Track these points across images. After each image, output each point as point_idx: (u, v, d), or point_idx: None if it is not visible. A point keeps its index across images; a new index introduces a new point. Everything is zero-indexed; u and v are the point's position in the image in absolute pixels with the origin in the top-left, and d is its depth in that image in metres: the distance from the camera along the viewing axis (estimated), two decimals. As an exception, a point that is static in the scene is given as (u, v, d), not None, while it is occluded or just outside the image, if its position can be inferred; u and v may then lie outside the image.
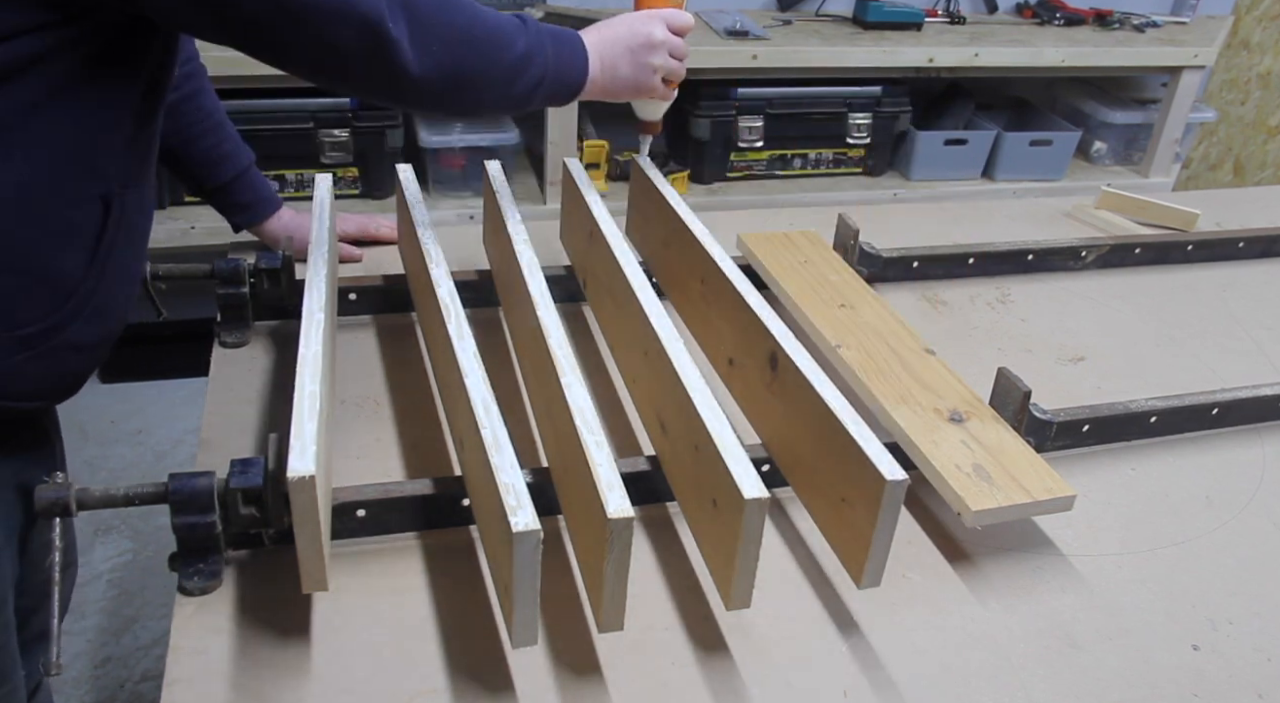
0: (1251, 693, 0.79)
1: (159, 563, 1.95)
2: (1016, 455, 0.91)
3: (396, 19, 0.80)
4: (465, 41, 0.86)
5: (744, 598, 0.75)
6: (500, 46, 0.89)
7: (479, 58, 0.88)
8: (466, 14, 0.87)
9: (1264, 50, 3.00)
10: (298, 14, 0.77)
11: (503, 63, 0.89)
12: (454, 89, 0.87)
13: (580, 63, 0.98)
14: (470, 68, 0.87)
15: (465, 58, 0.86)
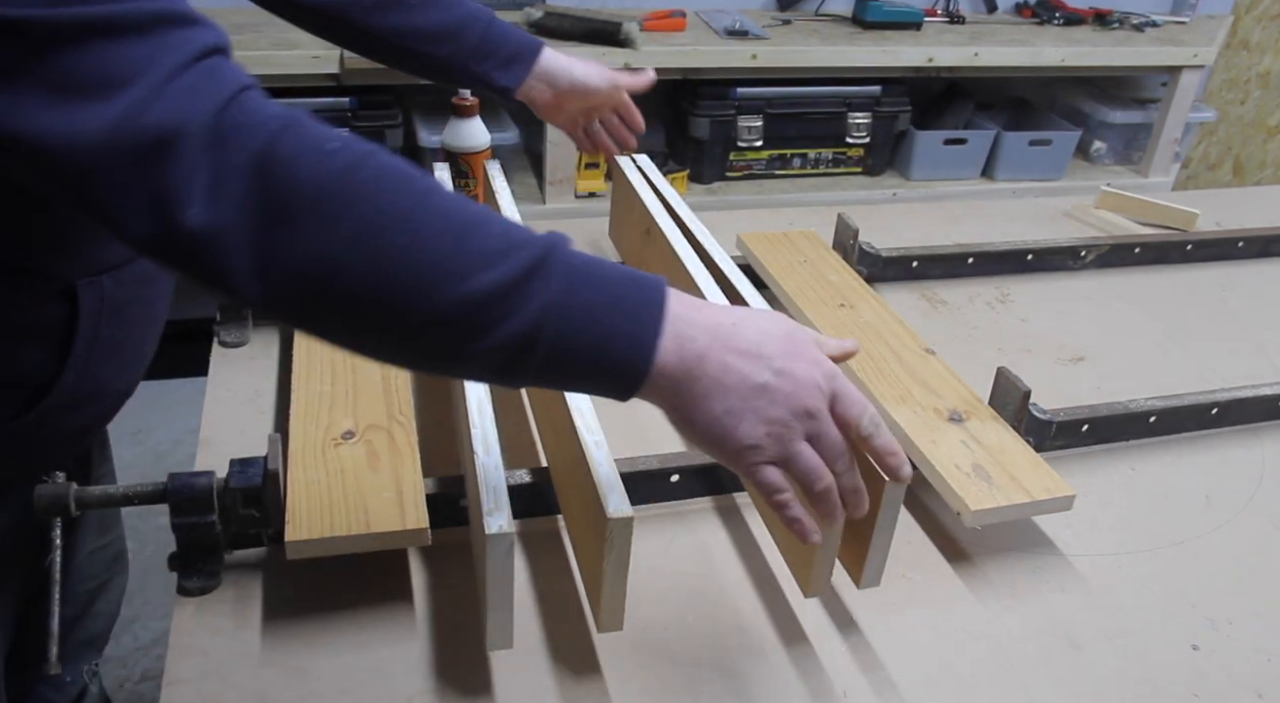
0: (1251, 693, 0.79)
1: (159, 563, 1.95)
2: (1016, 455, 0.91)
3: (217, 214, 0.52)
4: (359, 247, 0.53)
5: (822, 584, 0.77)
6: (449, 267, 0.54)
7: (384, 277, 0.54)
8: (382, 200, 0.54)
9: (1264, 50, 3.00)
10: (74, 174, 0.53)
11: (448, 293, 0.54)
12: (334, 324, 0.56)
13: (638, 337, 0.58)
14: (365, 292, 0.54)
15: (354, 276, 0.53)
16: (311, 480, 0.80)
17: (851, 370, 1.02)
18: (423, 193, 0.56)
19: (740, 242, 1.28)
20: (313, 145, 0.54)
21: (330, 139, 0.55)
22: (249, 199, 0.52)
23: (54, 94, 0.51)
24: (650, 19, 2.34)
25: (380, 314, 0.55)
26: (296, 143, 0.54)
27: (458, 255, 0.54)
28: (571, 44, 2.19)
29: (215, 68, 0.55)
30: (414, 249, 0.54)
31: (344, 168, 0.54)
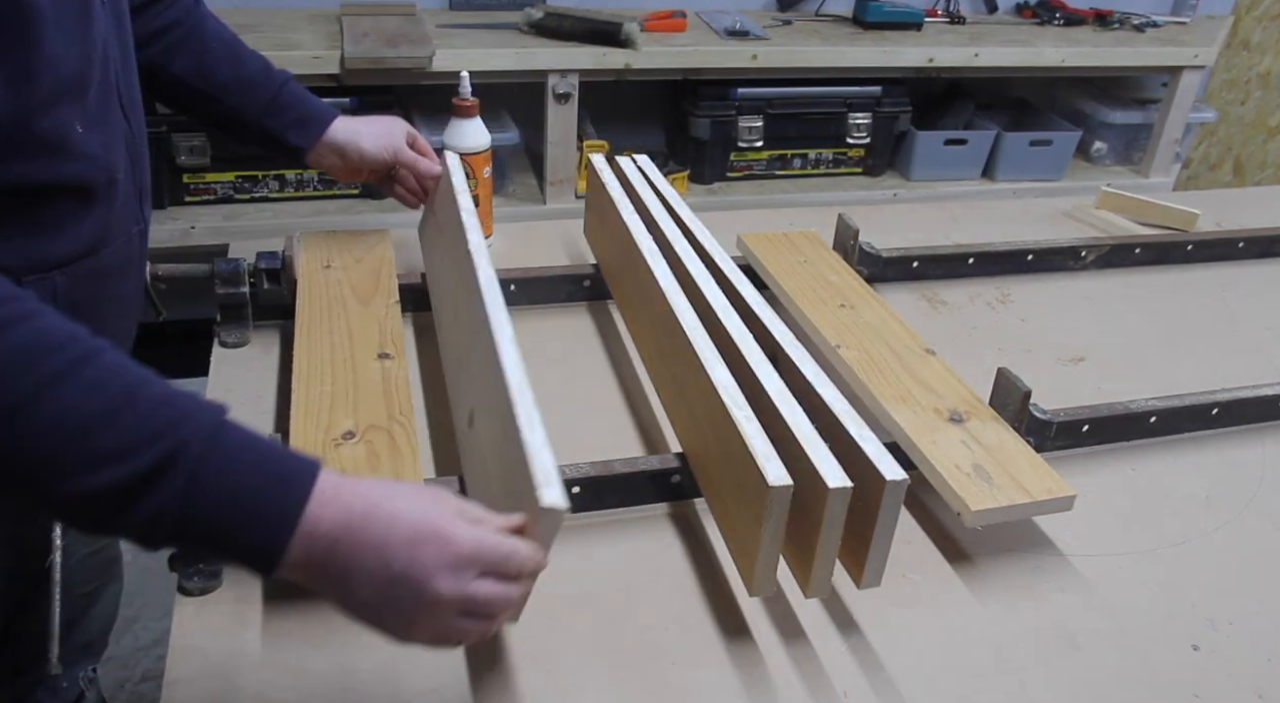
0: (1251, 693, 0.79)
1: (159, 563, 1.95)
2: (1016, 455, 0.91)
3: None
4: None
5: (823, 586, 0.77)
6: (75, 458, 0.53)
7: (9, 471, 0.54)
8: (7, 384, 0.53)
9: (1264, 50, 3.00)
10: None
11: (71, 481, 0.54)
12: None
13: (263, 535, 0.57)
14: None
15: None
16: None
17: (852, 370, 1.02)
18: (47, 380, 0.54)
19: (741, 242, 1.28)
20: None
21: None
22: None
23: None
24: (650, 19, 2.34)
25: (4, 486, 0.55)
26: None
27: (68, 455, 0.53)
28: (572, 44, 2.20)
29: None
30: (22, 445, 0.53)
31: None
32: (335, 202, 2.28)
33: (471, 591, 0.60)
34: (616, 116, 2.56)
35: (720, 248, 1.07)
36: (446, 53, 2.08)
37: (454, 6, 2.39)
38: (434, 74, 2.07)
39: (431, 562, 0.59)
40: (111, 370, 0.56)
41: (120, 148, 0.82)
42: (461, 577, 0.60)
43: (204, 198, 2.21)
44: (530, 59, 2.16)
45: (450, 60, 2.07)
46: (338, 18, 2.25)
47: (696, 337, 0.88)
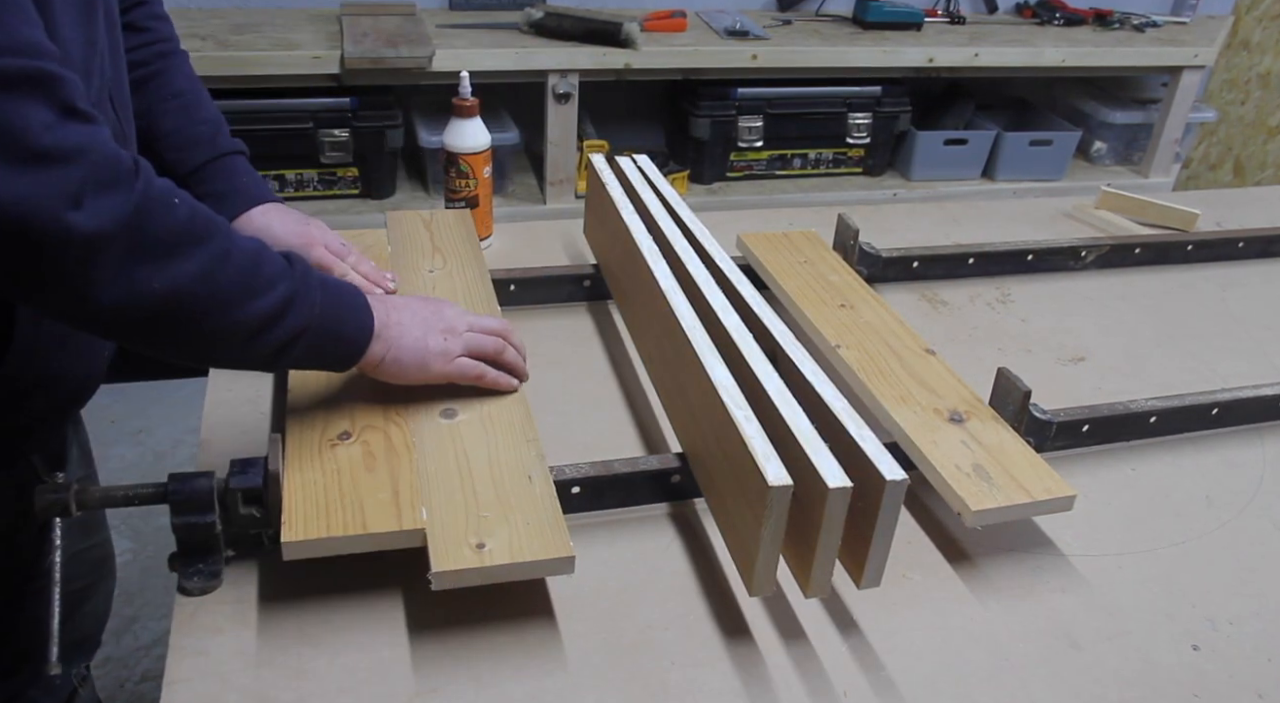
0: (1251, 693, 0.79)
1: (159, 563, 1.95)
2: (1016, 455, 0.91)
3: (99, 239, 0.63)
4: (203, 277, 0.70)
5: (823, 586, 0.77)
6: (250, 288, 0.73)
7: (216, 297, 0.71)
8: (206, 248, 0.70)
9: (1264, 50, 3.00)
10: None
11: (249, 308, 0.73)
12: (160, 333, 0.71)
13: (361, 318, 0.83)
14: (200, 311, 0.70)
15: (196, 299, 0.70)
16: (308, 481, 0.80)
17: (852, 370, 1.02)
18: (227, 232, 0.73)
19: (740, 242, 1.28)
20: (165, 198, 0.68)
21: (171, 190, 0.69)
22: (126, 233, 0.64)
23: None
24: (650, 19, 2.34)
25: (207, 328, 0.72)
26: (155, 194, 0.67)
27: (255, 279, 0.73)
28: (572, 44, 2.20)
29: (79, 124, 0.62)
30: (233, 274, 0.72)
31: (189, 217, 0.69)
32: (335, 202, 2.28)
33: (475, 334, 0.91)
34: (616, 116, 2.56)
35: (720, 248, 1.07)
36: (446, 53, 2.08)
37: (454, 6, 2.40)
38: (434, 74, 2.07)
39: (447, 309, 0.91)
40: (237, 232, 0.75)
41: None
42: (464, 319, 0.91)
43: (204, 198, 2.21)
44: (530, 59, 2.16)
45: (450, 60, 2.07)
46: (338, 18, 2.25)
47: (696, 337, 0.88)
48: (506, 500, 0.80)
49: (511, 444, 0.87)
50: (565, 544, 0.77)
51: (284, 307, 0.75)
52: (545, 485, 0.82)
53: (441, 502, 0.80)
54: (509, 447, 0.86)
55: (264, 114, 2.11)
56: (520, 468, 0.84)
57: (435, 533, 0.77)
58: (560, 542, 0.77)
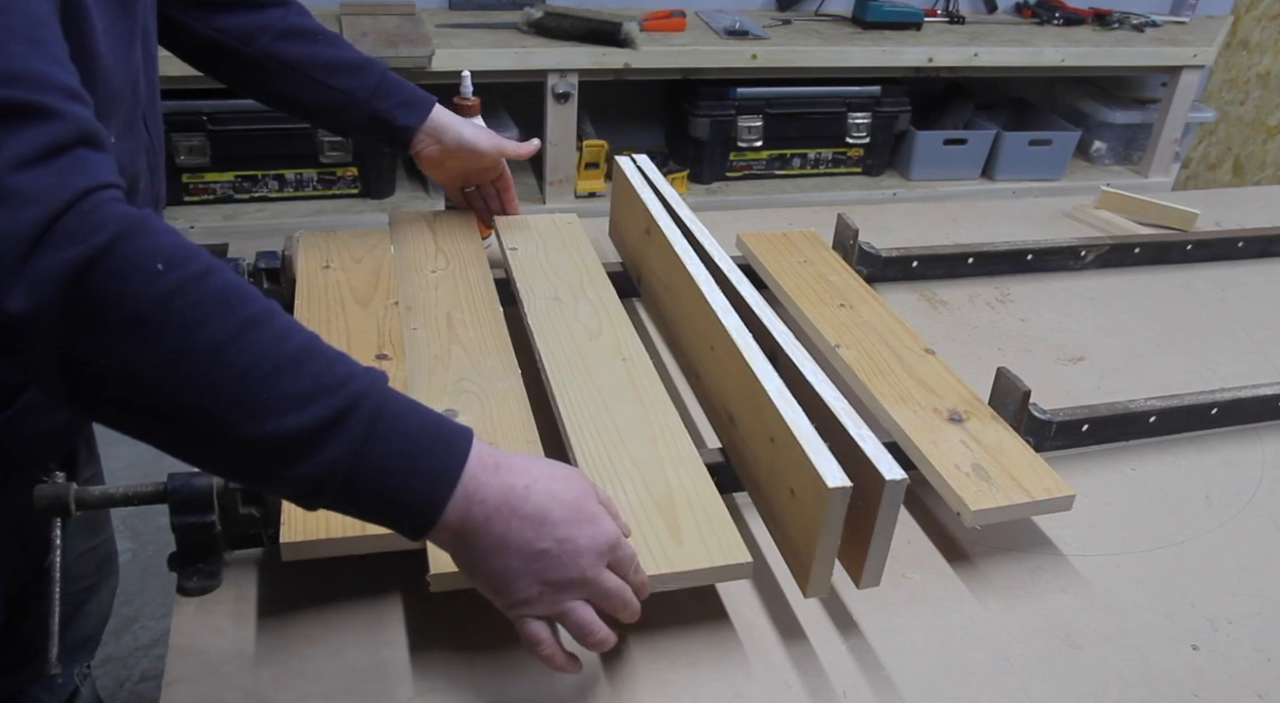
0: (1251, 693, 0.79)
1: (159, 563, 1.95)
2: (1016, 455, 0.91)
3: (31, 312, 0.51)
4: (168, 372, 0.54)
5: (823, 586, 0.77)
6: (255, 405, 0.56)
7: (189, 403, 0.55)
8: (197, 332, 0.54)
9: (1263, 50, 3.00)
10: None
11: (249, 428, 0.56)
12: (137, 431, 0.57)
13: (426, 496, 0.61)
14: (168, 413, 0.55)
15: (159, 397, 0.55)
16: None
17: (852, 370, 1.02)
18: (244, 325, 0.56)
19: (740, 242, 1.28)
20: (143, 263, 0.53)
21: (162, 256, 0.54)
22: (65, 302, 0.51)
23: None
24: (650, 19, 2.34)
25: (180, 434, 0.57)
26: (127, 257, 0.53)
27: (266, 394, 0.56)
28: (572, 44, 2.20)
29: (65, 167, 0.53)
30: (222, 382, 0.55)
31: (168, 292, 0.54)
32: (335, 201, 2.28)
33: (603, 576, 0.66)
34: (616, 116, 2.56)
35: (720, 248, 1.07)
36: (446, 52, 2.08)
37: (454, 6, 2.39)
38: (434, 74, 2.07)
39: (585, 543, 0.65)
40: (292, 324, 0.59)
41: (142, 158, 0.84)
42: (601, 560, 0.66)
43: (203, 197, 2.21)
44: (530, 59, 2.16)
45: (450, 60, 2.07)
46: (337, 17, 2.25)
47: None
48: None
49: (512, 446, 0.87)
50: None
51: (303, 440, 0.57)
52: None
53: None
54: (509, 448, 0.86)
55: (264, 113, 2.11)
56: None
57: (435, 533, 0.77)
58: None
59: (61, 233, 0.51)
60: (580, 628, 0.67)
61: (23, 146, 0.52)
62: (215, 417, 0.55)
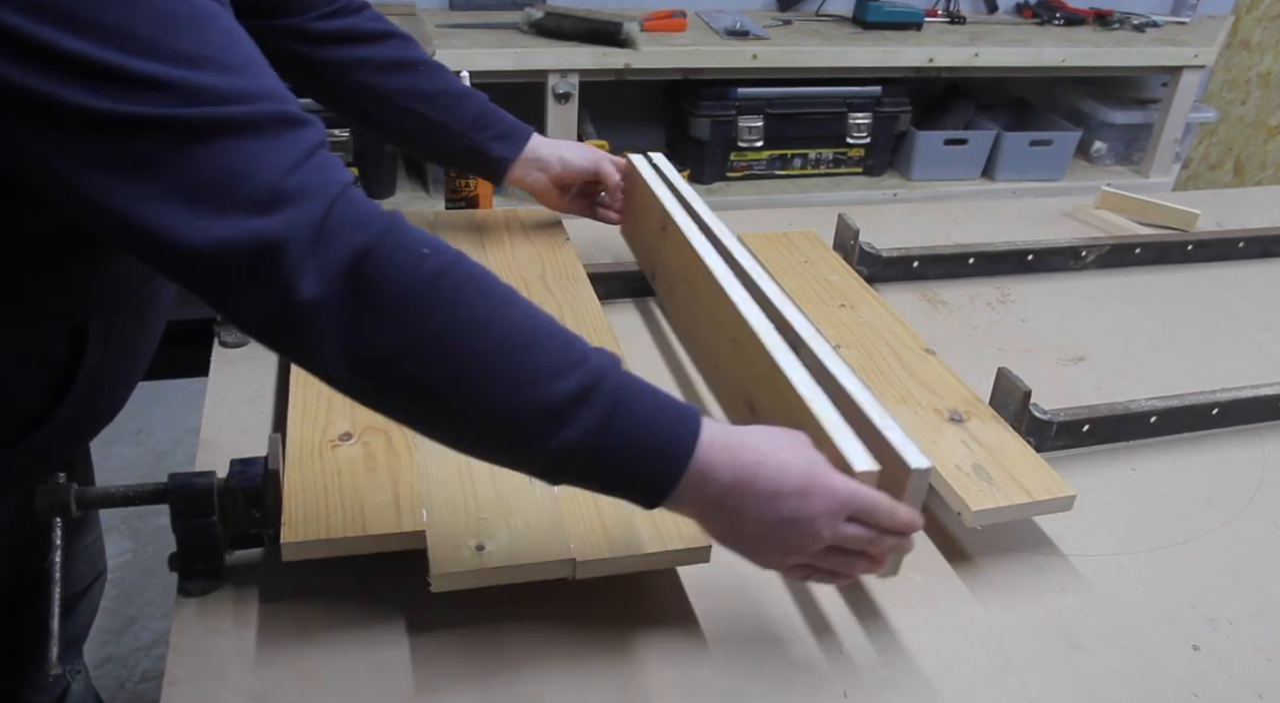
0: (1251, 693, 0.79)
1: (159, 563, 1.95)
2: (1016, 455, 0.91)
3: (320, 296, 0.57)
4: (437, 346, 0.60)
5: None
6: (514, 374, 0.61)
7: (456, 376, 0.60)
8: (462, 308, 0.61)
9: (1264, 50, 3.00)
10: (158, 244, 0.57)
11: (508, 399, 0.61)
12: (402, 408, 0.63)
13: (663, 470, 0.65)
14: (435, 387, 0.60)
15: (428, 370, 0.60)
16: (308, 482, 0.80)
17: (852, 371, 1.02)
18: (500, 302, 0.62)
19: (741, 242, 1.28)
20: (409, 248, 0.60)
21: (425, 243, 0.60)
22: (348, 285, 0.57)
23: (179, 193, 0.55)
24: (650, 19, 2.34)
25: (445, 407, 0.62)
26: (395, 244, 0.59)
27: (522, 366, 0.61)
28: (572, 44, 2.19)
29: (322, 165, 0.59)
30: (486, 355, 0.60)
31: (435, 272, 0.60)
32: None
33: (843, 531, 0.69)
34: (616, 116, 2.56)
35: (739, 244, 1.08)
36: (446, 53, 2.08)
37: (454, 6, 2.39)
38: (434, 74, 2.07)
39: (819, 509, 0.68)
40: (532, 305, 0.64)
41: None
42: (837, 519, 0.68)
43: (204, 198, 2.21)
44: (530, 59, 2.16)
45: (450, 60, 2.07)
46: (338, 18, 2.25)
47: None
48: (506, 502, 0.80)
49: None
50: (565, 546, 0.77)
51: (555, 412, 0.61)
52: (545, 487, 0.82)
53: (442, 503, 0.80)
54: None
55: (264, 114, 2.11)
56: (520, 468, 0.84)
57: (435, 535, 0.77)
58: (560, 544, 0.77)
59: (335, 225, 0.57)
60: (830, 578, 0.73)
61: (293, 152, 0.58)
62: (481, 389, 0.60)
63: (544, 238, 1.24)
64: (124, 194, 0.55)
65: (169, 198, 0.55)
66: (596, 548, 0.77)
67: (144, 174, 0.55)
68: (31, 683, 1.06)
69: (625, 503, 0.72)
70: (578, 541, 0.78)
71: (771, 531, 0.68)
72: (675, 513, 0.69)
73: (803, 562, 0.70)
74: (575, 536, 0.78)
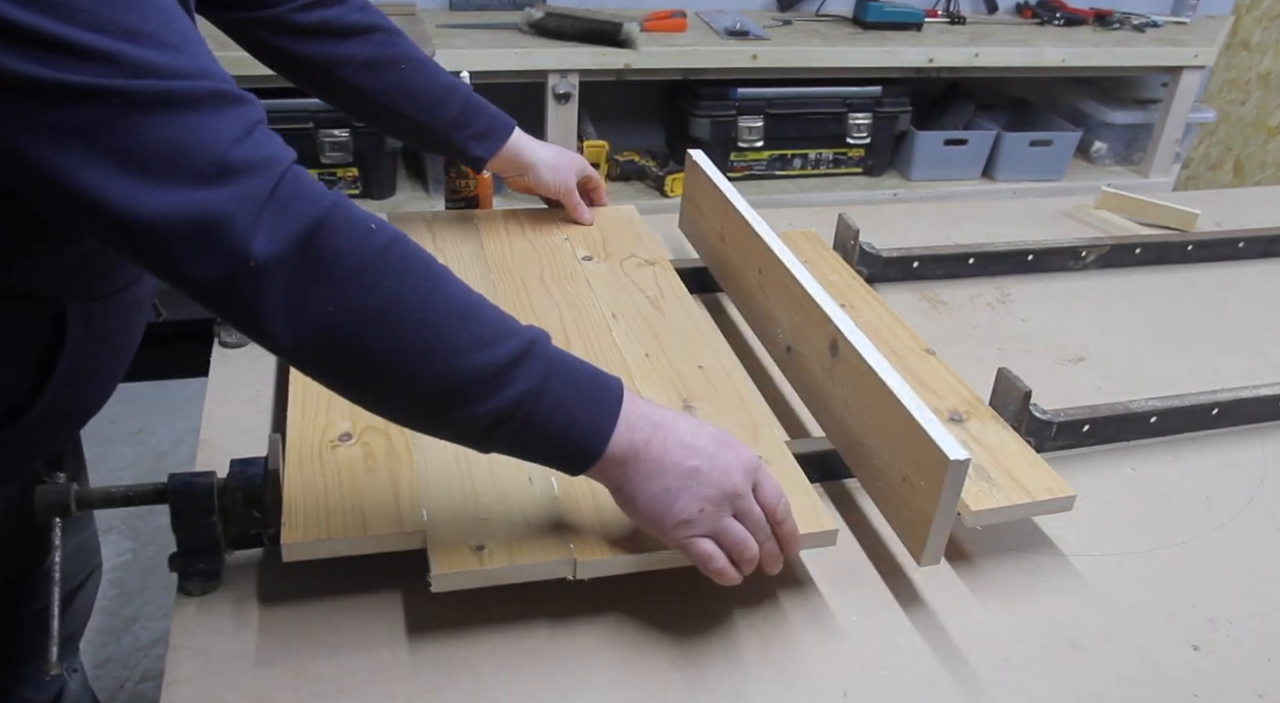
0: (1251, 693, 0.79)
1: (159, 563, 1.95)
2: (1016, 456, 0.91)
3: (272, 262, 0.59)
4: (385, 314, 0.62)
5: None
6: (454, 342, 0.64)
7: (400, 343, 0.63)
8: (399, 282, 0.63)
9: (1264, 50, 3.00)
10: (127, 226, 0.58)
11: (448, 365, 0.64)
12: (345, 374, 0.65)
13: (598, 423, 0.70)
14: (380, 353, 0.63)
15: (374, 337, 0.62)
16: (309, 482, 0.80)
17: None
18: (440, 278, 0.66)
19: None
20: (358, 222, 0.63)
21: (371, 219, 0.64)
22: (300, 254, 0.60)
23: (123, 163, 0.57)
24: (650, 19, 2.34)
25: (389, 374, 0.64)
26: (345, 217, 0.62)
27: (461, 335, 0.65)
28: (572, 44, 2.19)
29: (265, 140, 0.61)
30: (428, 323, 0.64)
31: (383, 246, 0.63)
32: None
33: (750, 500, 0.73)
34: (616, 116, 2.56)
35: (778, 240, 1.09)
36: (446, 53, 2.08)
37: (454, 6, 2.39)
38: (434, 74, 2.07)
39: (733, 462, 0.73)
40: (466, 284, 0.68)
41: None
42: (747, 480, 0.73)
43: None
44: (530, 59, 2.16)
45: (450, 60, 2.07)
46: (338, 18, 2.25)
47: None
48: (506, 502, 0.81)
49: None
50: (565, 546, 0.77)
51: (493, 375, 0.65)
52: (545, 487, 0.82)
53: (442, 504, 0.80)
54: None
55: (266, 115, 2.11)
56: (521, 469, 0.84)
57: (435, 535, 0.77)
58: (560, 544, 0.77)
59: (284, 198, 0.60)
60: (737, 544, 0.73)
61: (234, 128, 0.60)
62: (422, 356, 0.63)
63: (543, 238, 1.24)
64: (68, 163, 0.56)
65: (113, 168, 0.56)
66: (596, 548, 0.77)
67: (88, 143, 0.56)
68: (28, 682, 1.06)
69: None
70: (578, 541, 0.78)
71: (688, 478, 0.71)
72: (593, 480, 0.72)
73: (710, 529, 0.72)
74: (575, 536, 0.78)
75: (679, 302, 1.12)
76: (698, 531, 0.72)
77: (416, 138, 1.15)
